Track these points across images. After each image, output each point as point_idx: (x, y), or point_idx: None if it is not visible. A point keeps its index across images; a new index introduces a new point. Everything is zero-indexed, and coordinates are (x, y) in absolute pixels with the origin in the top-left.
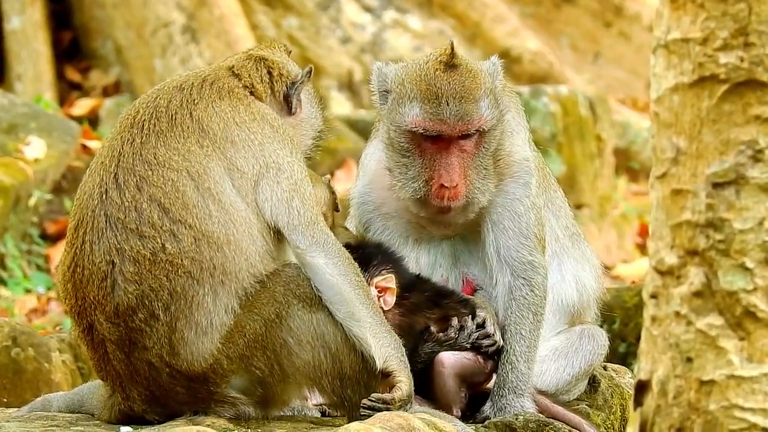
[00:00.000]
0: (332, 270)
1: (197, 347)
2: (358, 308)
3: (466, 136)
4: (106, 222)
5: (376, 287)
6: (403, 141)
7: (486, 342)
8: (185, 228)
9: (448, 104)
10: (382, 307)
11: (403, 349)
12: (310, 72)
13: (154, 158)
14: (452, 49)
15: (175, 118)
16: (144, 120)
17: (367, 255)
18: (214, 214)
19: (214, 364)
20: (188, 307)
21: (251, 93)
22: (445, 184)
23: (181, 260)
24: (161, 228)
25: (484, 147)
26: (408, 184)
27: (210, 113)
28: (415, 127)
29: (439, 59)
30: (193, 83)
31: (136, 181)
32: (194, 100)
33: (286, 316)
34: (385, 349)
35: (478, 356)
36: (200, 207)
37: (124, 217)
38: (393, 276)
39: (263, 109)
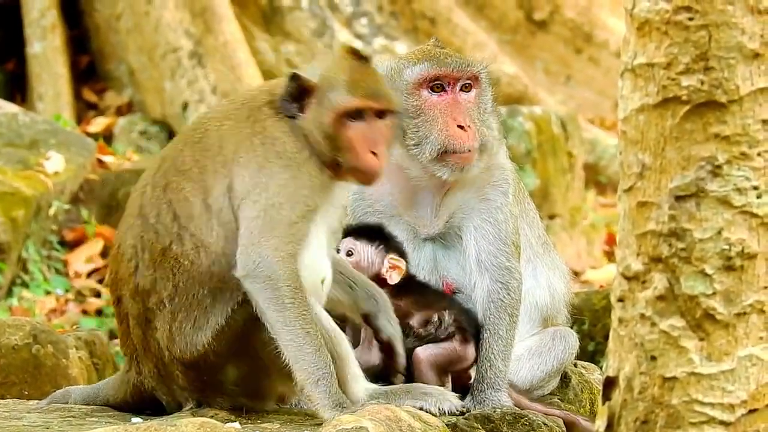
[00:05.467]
0: (261, 296)
1: (191, 339)
2: (281, 334)
3: (467, 87)
4: (138, 212)
5: (388, 261)
6: (412, 101)
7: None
8: (188, 235)
9: (448, 56)
10: (387, 280)
11: (333, 375)
12: (292, 78)
13: (182, 166)
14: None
15: (206, 133)
16: (192, 129)
17: (388, 234)
18: (215, 228)
19: (204, 355)
20: (188, 304)
21: (277, 111)
22: (460, 123)
23: (183, 261)
24: (171, 230)
25: (482, 106)
26: (426, 141)
27: (232, 133)
28: (423, 78)
29: (428, 45)
30: (235, 101)
31: (165, 183)
32: (226, 118)
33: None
34: (303, 374)
35: (455, 344)
36: (203, 220)
37: (148, 212)
38: (404, 261)
39: (277, 133)
